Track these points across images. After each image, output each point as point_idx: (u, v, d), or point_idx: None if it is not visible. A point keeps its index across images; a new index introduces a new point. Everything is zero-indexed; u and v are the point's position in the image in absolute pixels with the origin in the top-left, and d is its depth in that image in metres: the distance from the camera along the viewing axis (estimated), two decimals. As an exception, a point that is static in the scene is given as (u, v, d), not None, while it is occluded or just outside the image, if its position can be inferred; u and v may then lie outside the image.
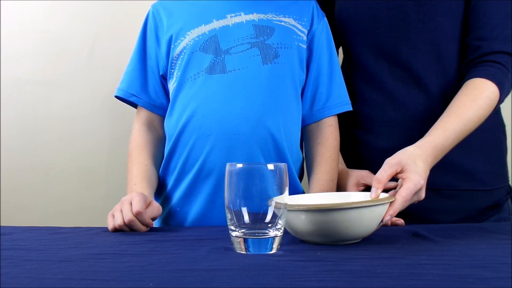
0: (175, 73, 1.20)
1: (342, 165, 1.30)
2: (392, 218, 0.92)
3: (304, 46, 1.24)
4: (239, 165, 0.81)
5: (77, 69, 1.85)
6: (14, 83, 1.85)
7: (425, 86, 1.23)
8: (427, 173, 1.02)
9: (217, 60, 1.17)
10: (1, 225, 1.09)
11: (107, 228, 1.07)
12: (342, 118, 1.29)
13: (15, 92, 1.85)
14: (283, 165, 0.82)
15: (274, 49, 1.19)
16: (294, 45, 1.22)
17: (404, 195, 0.94)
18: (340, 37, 1.35)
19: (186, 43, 1.19)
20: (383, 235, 0.96)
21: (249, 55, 1.18)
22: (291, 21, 1.23)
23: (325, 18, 1.29)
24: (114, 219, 1.05)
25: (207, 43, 1.18)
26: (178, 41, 1.21)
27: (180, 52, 1.20)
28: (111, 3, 1.85)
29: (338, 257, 0.77)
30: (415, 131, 1.22)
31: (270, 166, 0.82)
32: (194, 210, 1.18)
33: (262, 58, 1.18)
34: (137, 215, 1.03)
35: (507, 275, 0.66)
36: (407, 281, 0.64)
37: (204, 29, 1.19)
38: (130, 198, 1.06)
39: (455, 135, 1.09)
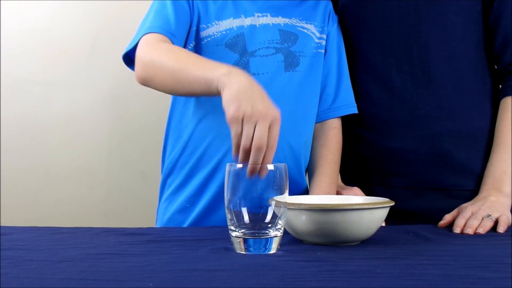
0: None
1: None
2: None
3: (322, 51, 1.24)
4: (239, 165, 0.81)
5: (77, 69, 1.85)
6: (14, 83, 1.85)
7: (435, 85, 1.22)
8: (488, 197, 1.11)
9: (241, 61, 1.16)
10: (1, 225, 1.09)
11: (107, 228, 1.07)
12: (346, 117, 1.28)
13: (15, 92, 1.85)
14: (283, 165, 0.82)
15: (296, 57, 1.20)
16: (312, 53, 1.22)
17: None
18: (343, 34, 1.34)
19: (213, 33, 1.17)
20: (383, 235, 0.96)
21: (273, 61, 1.17)
22: (311, 28, 1.23)
23: (337, 21, 1.29)
24: (238, 135, 0.87)
25: (234, 40, 1.17)
26: (203, 26, 1.17)
27: (203, 38, 1.17)
28: (111, 3, 1.86)
29: (338, 257, 0.77)
30: (425, 131, 1.22)
31: (270, 166, 0.82)
32: (203, 207, 1.17)
33: (285, 65, 1.18)
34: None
35: (507, 275, 0.66)
36: (407, 281, 0.64)
37: (232, 23, 1.17)
38: (265, 110, 0.88)
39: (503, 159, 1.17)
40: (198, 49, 1.17)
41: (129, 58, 1.18)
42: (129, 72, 1.20)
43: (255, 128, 0.86)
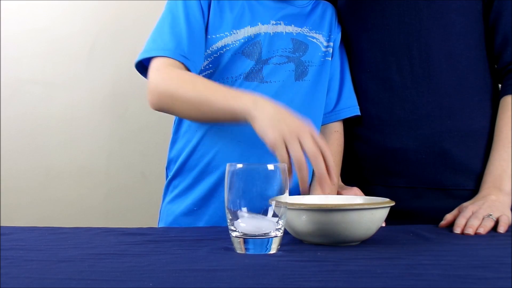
0: (208, 65, 1.17)
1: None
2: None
3: (329, 59, 1.25)
4: (239, 165, 0.81)
5: (77, 69, 1.85)
6: (14, 83, 1.85)
7: (435, 84, 1.22)
8: (488, 196, 1.11)
9: (256, 68, 1.16)
10: (1, 225, 1.09)
11: (107, 228, 1.06)
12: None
13: (15, 92, 1.85)
14: (283, 165, 0.82)
15: (305, 67, 1.20)
16: (320, 62, 1.22)
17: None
18: (342, 33, 1.33)
19: (231, 42, 1.17)
20: (383, 235, 0.96)
21: (285, 69, 1.18)
22: (320, 37, 1.24)
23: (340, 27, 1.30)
24: (288, 148, 0.93)
25: (251, 47, 1.17)
26: (221, 34, 1.17)
27: (221, 47, 1.17)
28: (111, 3, 1.86)
29: (338, 257, 0.77)
30: (425, 130, 1.21)
31: (270, 166, 0.82)
32: (212, 211, 1.17)
33: (295, 74, 1.19)
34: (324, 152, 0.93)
35: (507, 275, 0.66)
36: (407, 281, 0.64)
37: (249, 31, 1.18)
38: (301, 125, 0.95)
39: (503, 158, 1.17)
40: (216, 57, 1.17)
41: (141, 64, 1.16)
42: (129, 72, 1.20)
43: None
